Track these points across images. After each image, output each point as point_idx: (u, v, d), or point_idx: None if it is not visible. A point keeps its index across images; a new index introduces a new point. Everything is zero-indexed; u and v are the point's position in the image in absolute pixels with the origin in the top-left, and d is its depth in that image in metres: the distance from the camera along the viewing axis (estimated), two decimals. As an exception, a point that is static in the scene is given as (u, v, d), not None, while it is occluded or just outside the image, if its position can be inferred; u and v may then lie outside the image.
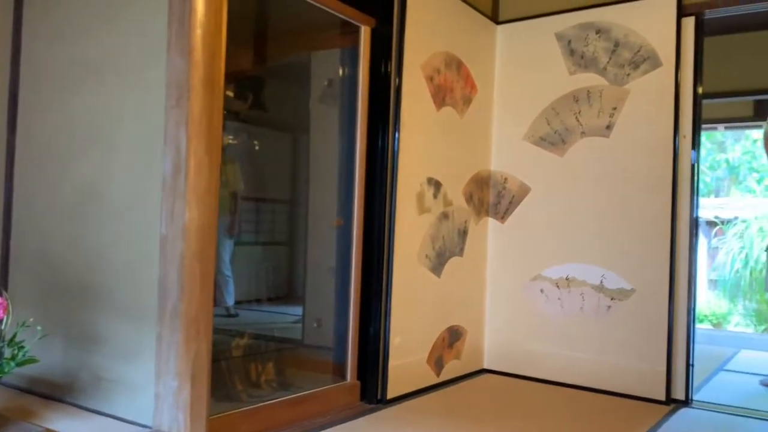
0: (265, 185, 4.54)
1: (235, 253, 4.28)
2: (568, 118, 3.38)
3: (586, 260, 3.28)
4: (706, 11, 3.11)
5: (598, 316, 3.23)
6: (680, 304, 3.05)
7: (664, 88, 3.11)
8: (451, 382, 3.27)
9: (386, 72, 2.92)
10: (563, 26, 3.42)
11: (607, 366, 3.20)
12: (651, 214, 3.11)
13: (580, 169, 3.34)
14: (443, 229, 3.21)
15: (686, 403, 3.01)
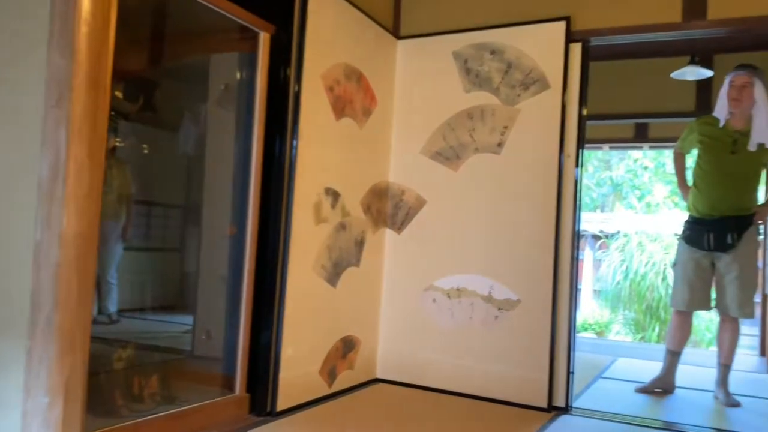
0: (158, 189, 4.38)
1: (122, 260, 4.10)
2: (462, 135, 3.49)
3: (477, 271, 3.39)
4: (592, 38, 3.29)
5: (486, 326, 3.34)
6: (562, 314, 3.21)
7: (551, 109, 3.27)
8: (343, 393, 3.27)
9: (285, 80, 2.90)
10: (460, 45, 3.53)
11: (494, 374, 3.31)
12: (537, 228, 3.25)
13: (472, 183, 3.45)
14: (340, 239, 3.22)
15: (566, 410, 3.17)
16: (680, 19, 3.12)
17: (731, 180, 3.51)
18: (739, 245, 3.46)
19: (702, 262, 3.56)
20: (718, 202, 3.51)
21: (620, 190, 11.67)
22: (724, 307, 3.54)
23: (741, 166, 3.49)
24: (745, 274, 3.46)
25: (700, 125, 3.64)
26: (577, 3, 3.29)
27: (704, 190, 3.57)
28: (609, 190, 11.76)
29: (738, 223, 3.47)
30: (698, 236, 3.55)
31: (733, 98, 3.46)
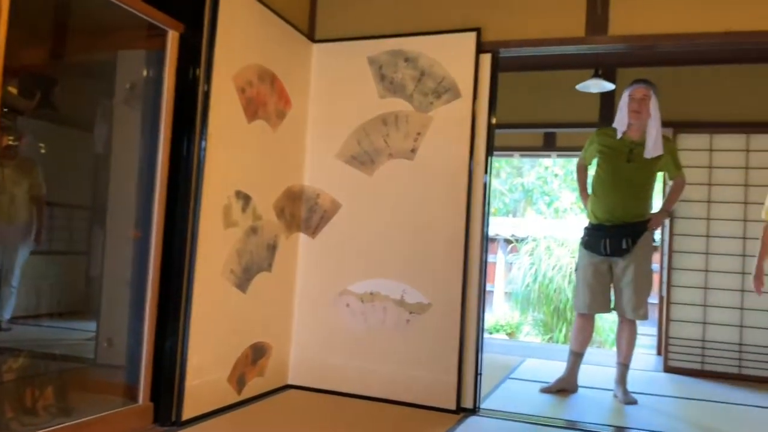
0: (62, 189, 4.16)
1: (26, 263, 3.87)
2: (377, 140, 3.51)
3: (389, 276, 3.42)
4: (501, 49, 3.40)
5: (398, 330, 3.38)
6: (471, 317, 3.29)
7: (462, 118, 3.35)
8: (253, 400, 3.22)
9: (194, 80, 2.83)
10: (375, 51, 3.55)
11: (406, 378, 3.34)
12: (448, 233, 3.32)
13: (386, 188, 3.48)
14: (251, 243, 3.17)
15: (474, 411, 3.24)
16: (584, 33, 3.26)
17: (627, 188, 3.70)
18: (634, 250, 3.66)
19: (600, 267, 3.74)
20: (615, 209, 3.70)
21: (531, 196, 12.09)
22: (621, 309, 3.73)
23: (636, 175, 3.69)
24: (639, 278, 3.66)
25: (599, 136, 3.83)
26: (488, 15, 3.39)
27: (602, 198, 3.76)
28: (520, 196, 12.16)
29: (633, 229, 3.67)
30: (596, 242, 3.73)
31: (633, 110, 3.65)
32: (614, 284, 3.76)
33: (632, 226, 3.67)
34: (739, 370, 4.53)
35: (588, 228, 3.84)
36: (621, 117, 3.72)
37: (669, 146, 3.75)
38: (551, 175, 11.80)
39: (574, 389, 3.88)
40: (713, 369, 4.59)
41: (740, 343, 4.54)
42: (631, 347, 3.79)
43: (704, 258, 4.66)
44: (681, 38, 3.12)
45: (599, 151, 3.79)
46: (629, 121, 3.68)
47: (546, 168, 11.80)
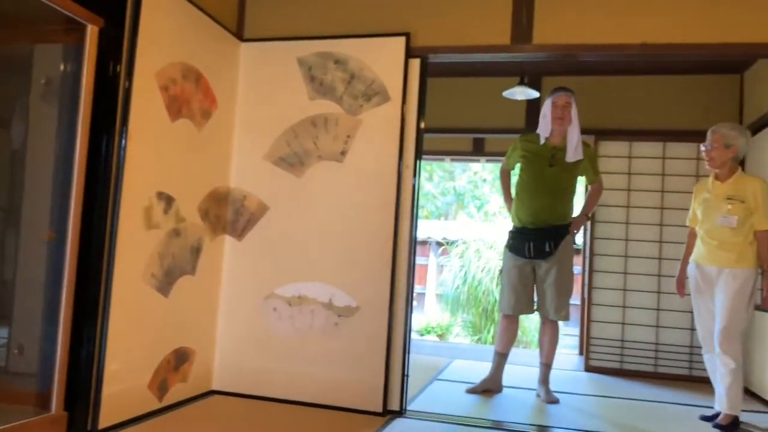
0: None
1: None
2: (306, 142, 3.48)
3: (318, 279, 3.40)
4: (430, 55, 3.44)
5: (326, 333, 3.36)
6: (398, 319, 3.30)
7: (391, 121, 3.37)
8: (175, 407, 3.13)
9: (115, 76, 2.73)
10: (305, 52, 3.53)
11: (333, 381, 3.33)
12: (376, 236, 3.33)
13: (315, 191, 3.45)
14: (174, 246, 3.08)
15: (401, 413, 3.26)
16: (509, 42, 3.34)
17: (550, 192, 3.82)
18: (557, 253, 3.77)
19: (524, 269, 3.84)
20: (539, 213, 3.80)
21: (462, 199, 12.29)
22: (543, 310, 3.84)
23: (558, 179, 3.81)
24: (561, 280, 3.77)
25: (522, 142, 3.94)
26: (417, 21, 3.42)
27: (526, 201, 3.86)
28: (452, 200, 12.34)
29: (556, 232, 3.78)
30: (520, 244, 3.83)
31: (557, 117, 3.77)
32: (537, 286, 3.87)
33: (555, 229, 3.78)
34: (655, 368, 4.74)
35: (512, 231, 3.93)
36: (545, 123, 3.83)
37: (588, 151, 3.89)
38: (481, 179, 12.03)
39: (498, 389, 3.96)
40: (631, 368, 4.78)
41: (656, 342, 4.75)
42: (554, 348, 3.90)
43: (623, 261, 4.85)
44: (600, 49, 3.24)
45: (522, 156, 3.90)
46: (553, 128, 3.79)
47: (476, 173, 12.02)
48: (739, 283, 3.31)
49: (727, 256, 3.37)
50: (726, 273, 3.35)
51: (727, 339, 3.31)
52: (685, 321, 4.68)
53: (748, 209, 3.34)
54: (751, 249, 3.35)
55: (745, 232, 3.34)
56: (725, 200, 3.39)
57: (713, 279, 3.42)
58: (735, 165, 3.45)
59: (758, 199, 3.33)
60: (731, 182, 3.42)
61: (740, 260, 3.33)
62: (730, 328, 3.30)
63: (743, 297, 3.31)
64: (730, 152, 3.40)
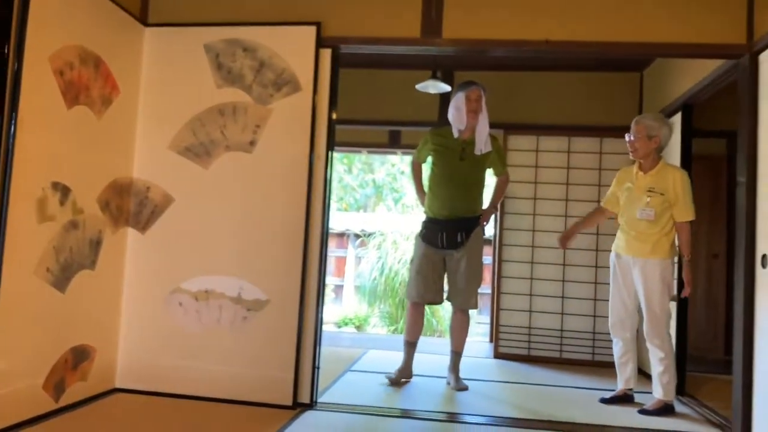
0: None
1: None
2: (213, 131, 3.39)
3: (226, 272, 3.32)
4: (341, 45, 3.42)
5: (235, 328, 3.30)
6: (309, 312, 3.28)
7: (302, 111, 3.33)
8: (74, 407, 2.99)
9: (3, 58, 2.55)
10: (212, 38, 3.43)
11: (242, 376, 3.27)
12: (287, 228, 3.29)
13: (223, 182, 3.37)
14: (71, 239, 2.93)
15: (311, 405, 3.24)
16: (419, 35, 3.37)
17: (461, 184, 3.89)
18: (467, 244, 3.85)
19: (435, 259, 3.90)
20: (451, 205, 3.87)
21: (381, 191, 12.36)
22: (454, 300, 3.92)
23: (469, 172, 3.90)
24: (471, 270, 3.86)
25: (433, 136, 3.99)
26: (328, 10, 3.39)
27: (438, 194, 3.92)
28: (371, 192, 12.39)
29: (467, 223, 3.87)
30: (433, 235, 3.89)
31: (472, 110, 3.85)
32: (448, 276, 3.94)
33: (466, 220, 3.86)
34: (561, 354, 4.93)
35: (426, 222, 3.99)
36: (460, 116, 3.89)
37: (496, 144, 3.99)
38: (399, 172, 12.14)
39: (409, 376, 4.02)
40: (538, 354, 4.95)
41: (561, 329, 4.94)
42: (464, 336, 3.99)
43: (530, 251, 5.01)
44: (507, 44, 3.32)
45: (434, 150, 3.95)
46: (468, 121, 3.85)
47: (394, 165, 12.11)
48: (655, 275, 3.46)
49: (642, 247, 3.51)
50: (641, 264, 3.50)
51: (654, 330, 3.47)
52: (588, 308, 4.90)
53: (667, 201, 3.47)
54: (667, 240, 3.48)
55: (663, 224, 3.47)
56: (645, 192, 3.52)
57: (630, 268, 3.58)
58: (658, 156, 3.59)
59: (678, 190, 3.46)
60: (653, 173, 3.55)
61: (655, 251, 3.48)
62: (655, 320, 3.46)
63: (661, 289, 3.46)
64: (653, 143, 3.53)
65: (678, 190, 3.46)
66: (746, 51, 3.12)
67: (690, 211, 3.47)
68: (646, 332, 3.49)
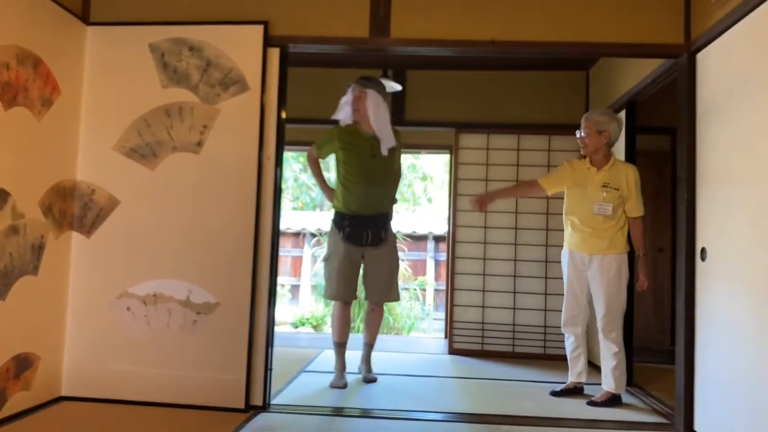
0: None
1: None
2: (159, 132, 3.33)
3: (175, 276, 3.27)
4: (290, 44, 3.39)
5: (184, 332, 3.25)
6: (261, 313, 3.26)
7: (250, 111, 3.30)
8: (17, 417, 2.90)
9: (-68, 59, 2.46)
10: (157, 38, 3.37)
11: (193, 380, 3.22)
12: (237, 229, 3.25)
13: (171, 183, 3.32)
14: (11, 245, 2.84)
15: (264, 408, 3.22)
16: (368, 34, 3.37)
17: (377, 181, 3.92)
18: (388, 239, 3.92)
19: (355, 257, 3.91)
20: (370, 201, 3.90)
21: (336, 189, 12.30)
22: (374, 295, 3.96)
23: (382, 168, 3.93)
24: (392, 264, 3.94)
25: (341, 133, 3.95)
26: (275, 9, 3.37)
27: (354, 192, 3.88)
28: (326, 190, 12.32)
29: (386, 219, 3.95)
30: (357, 232, 3.87)
31: (354, 108, 3.89)
32: (367, 271, 3.95)
33: (386, 216, 3.94)
34: (513, 348, 5.01)
35: (345, 219, 3.90)
36: (345, 112, 3.92)
37: (399, 139, 4.01)
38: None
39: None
40: (491, 349, 5.02)
41: (514, 324, 5.02)
42: (378, 329, 4.07)
43: (482, 247, 5.07)
44: (454, 44, 3.35)
45: (342, 148, 3.91)
46: (353, 118, 3.90)
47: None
48: (613, 270, 3.53)
49: (599, 243, 3.57)
50: (598, 260, 3.57)
51: (608, 325, 3.54)
52: (539, 303, 4.99)
53: (621, 197, 3.54)
54: (622, 234, 3.56)
55: (617, 219, 3.55)
56: (601, 188, 3.59)
57: (585, 265, 3.64)
58: (609, 151, 3.66)
59: (631, 186, 3.55)
60: (607, 169, 3.61)
61: (611, 247, 3.55)
62: (610, 315, 3.53)
63: (618, 283, 3.54)
64: (603, 138, 3.60)
65: (631, 185, 3.55)
66: (684, 50, 3.22)
67: (641, 207, 3.58)
68: (602, 327, 3.56)
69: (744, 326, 2.61)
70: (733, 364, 2.69)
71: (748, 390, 2.56)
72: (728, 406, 2.72)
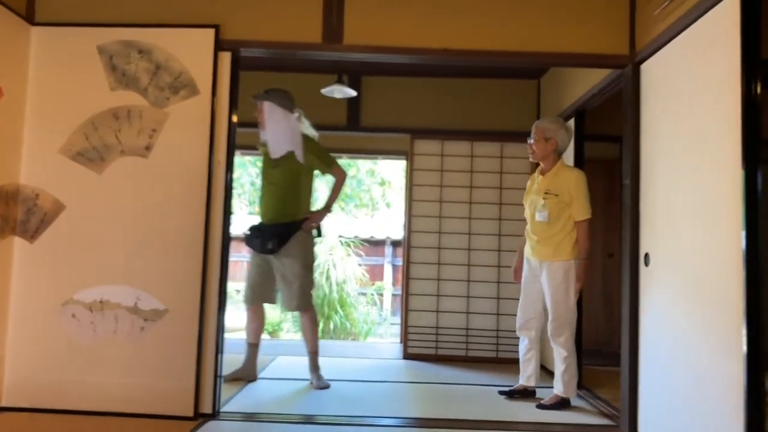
0: None
1: None
2: (107, 135, 3.27)
3: (122, 282, 3.21)
4: (241, 49, 3.37)
5: (132, 339, 3.18)
6: (210, 320, 3.22)
7: (201, 115, 3.26)
8: (-47, 430, 2.81)
9: None
10: (106, 40, 3.31)
11: (141, 388, 3.16)
12: (186, 235, 3.21)
13: (118, 188, 3.26)
14: (-52, 250, 2.75)
15: (213, 416, 3.18)
16: (321, 40, 3.37)
17: (274, 190, 3.99)
18: (288, 248, 3.91)
19: (261, 262, 4.00)
20: (267, 210, 4.01)
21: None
22: (285, 302, 4.02)
23: (279, 178, 3.98)
24: (291, 274, 3.93)
25: (262, 146, 4.06)
26: (227, 13, 3.34)
27: (261, 200, 4.09)
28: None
29: (282, 228, 3.93)
30: (251, 241, 4.00)
31: (259, 121, 4.02)
32: (277, 280, 4.01)
33: (283, 225, 3.95)
34: (467, 352, 5.06)
35: (251, 227, 4.06)
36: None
37: (309, 145, 4.05)
38: (313, 174, 12.04)
39: (253, 377, 4.08)
40: (445, 353, 5.06)
41: (467, 328, 5.07)
42: (314, 335, 4.05)
43: (437, 252, 5.11)
44: (406, 51, 3.38)
45: (263, 158, 4.09)
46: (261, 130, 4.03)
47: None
48: (559, 277, 3.59)
49: (545, 251, 3.64)
50: (546, 267, 3.63)
51: (556, 330, 3.60)
52: (492, 307, 5.05)
53: (562, 202, 3.59)
54: (568, 241, 3.59)
55: (561, 225, 3.60)
56: (542, 195, 3.66)
57: (537, 272, 3.70)
58: (557, 158, 3.73)
59: (573, 190, 3.59)
60: (550, 175, 3.69)
61: (557, 254, 3.60)
62: (557, 321, 3.59)
63: (565, 290, 3.59)
64: (550, 145, 3.68)
65: (572, 189, 3.60)
66: (629, 61, 3.31)
67: (585, 210, 3.61)
68: (550, 332, 3.63)
69: (683, 328, 2.70)
70: (673, 365, 2.77)
71: (688, 390, 2.64)
72: (670, 406, 2.80)
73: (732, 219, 2.35)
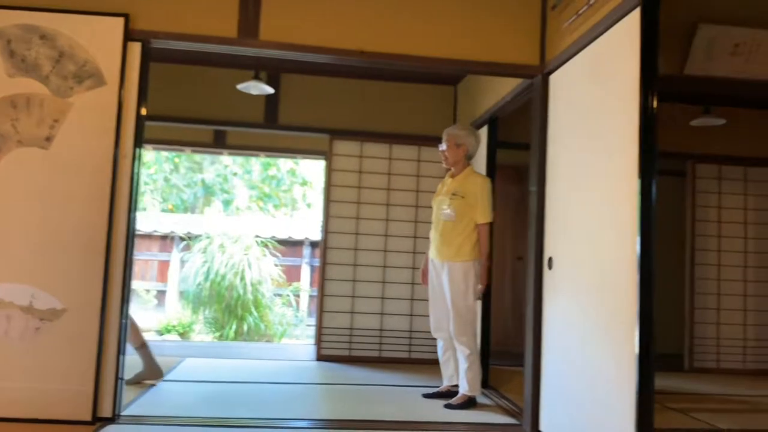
0: None
1: None
2: (3, 124, 3.08)
3: (15, 279, 3.03)
4: (152, 40, 3.26)
5: (26, 340, 3.01)
6: (112, 320, 3.09)
7: (107, 107, 3.13)
8: None
9: None
10: (4, 23, 3.12)
11: (35, 392, 3.00)
12: (87, 230, 3.07)
13: (14, 180, 3.08)
14: None
15: (113, 419, 3.05)
16: (236, 35, 3.31)
17: None
18: None
19: None
20: None
21: (212, 192, 11.98)
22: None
23: None
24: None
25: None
26: (139, 2, 3.22)
27: None
28: (200, 192, 11.95)
29: None
30: None
31: None
32: None
33: None
34: (380, 353, 5.09)
35: None
36: None
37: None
38: (230, 173, 11.84)
39: (159, 375, 3.96)
40: (359, 354, 5.07)
41: (381, 329, 5.10)
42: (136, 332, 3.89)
43: (353, 253, 5.12)
44: (323, 51, 3.36)
45: None
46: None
47: (226, 166, 11.80)
48: (458, 277, 3.66)
49: (447, 251, 3.71)
50: (447, 267, 3.70)
51: (458, 329, 3.67)
52: (405, 308, 5.11)
53: (467, 204, 3.69)
54: (469, 242, 3.68)
55: (463, 227, 3.69)
56: (449, 196, 3.75)
57: (440, 272, 3.77)
58: (467, 163, 3.83)
59: (477, 194, 3.69)
60: (459, 178, 3.79)
61: (458, 255, 3.68)
62: (458, 321, 3.66)
63: (465, 290, 3.67)
64: (461, 151, 3.78)
65: (477, 193, 3.71)
66: (539, 72, 3.43)
67: (486, 214, 3.71)
68: (452, 332, 3.70)
69: (581, 330, 2.82)
70: (572, 364, 2.89)
71: (584, 389, 2.76)
72: (568, 404, 2.92)
73: (627, 226, 2.47)
